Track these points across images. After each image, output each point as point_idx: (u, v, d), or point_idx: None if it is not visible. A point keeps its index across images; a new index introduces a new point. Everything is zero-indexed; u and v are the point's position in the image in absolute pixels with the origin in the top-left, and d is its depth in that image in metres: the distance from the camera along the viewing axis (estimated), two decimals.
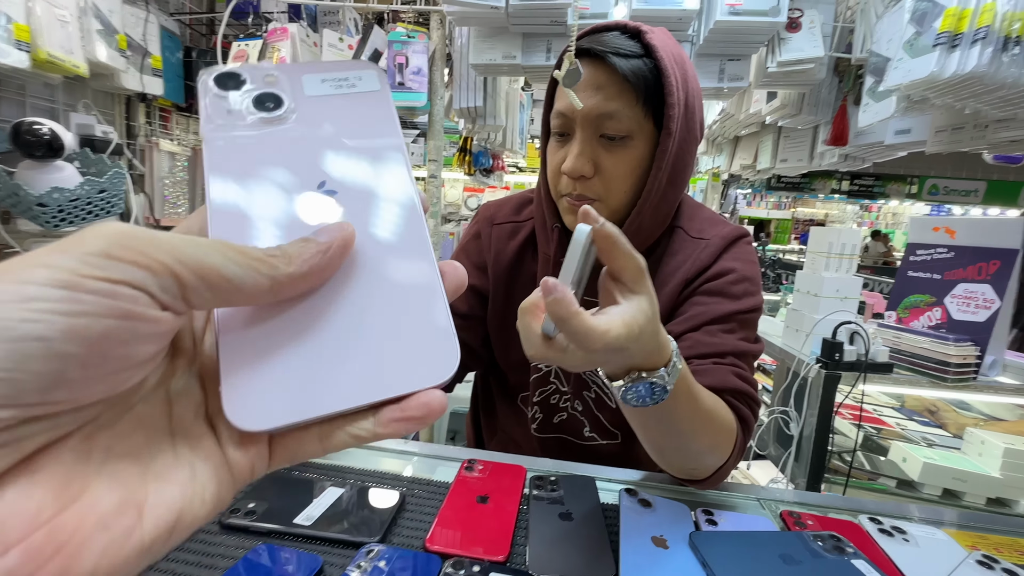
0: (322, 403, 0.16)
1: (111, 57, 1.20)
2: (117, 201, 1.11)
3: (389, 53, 1.21)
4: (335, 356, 0.16)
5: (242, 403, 0.15)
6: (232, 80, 0.19)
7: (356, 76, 0.21)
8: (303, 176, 0.18)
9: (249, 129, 0.18)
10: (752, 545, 0.47)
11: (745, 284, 0.58)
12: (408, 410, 0.16)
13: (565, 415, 0.69)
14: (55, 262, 0.13)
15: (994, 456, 1.15)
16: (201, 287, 0.14)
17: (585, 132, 0.55)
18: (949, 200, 3.62)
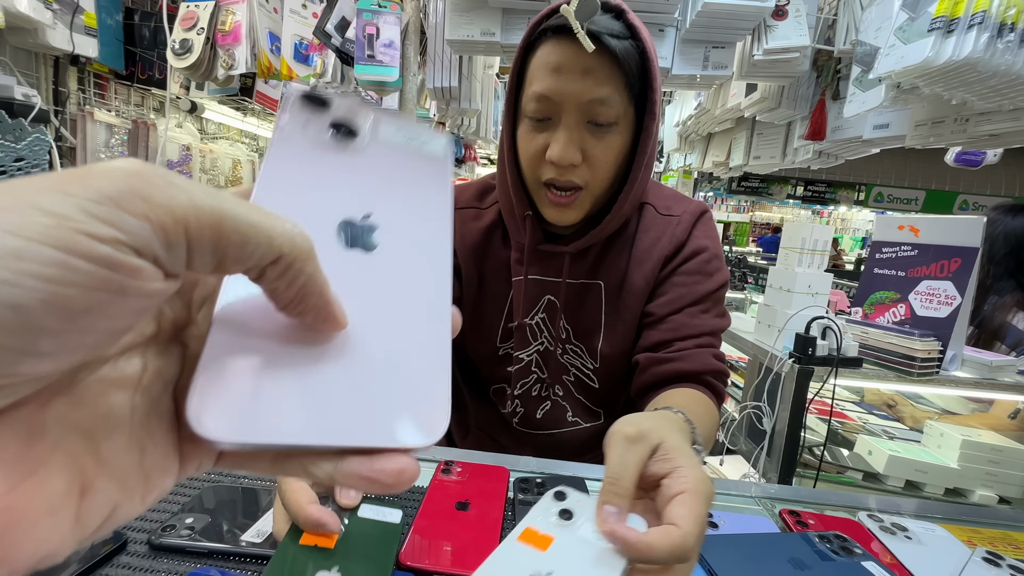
0: (289, 432, 0.14)
1: (33, 8, 1.05)
2: (38, 172, 0.98)
3: (358, 22, 1.12)
4: (319, 388, 0.15)
5: (207, 408, 0.14)
6: (318, 101, 0.20)
7: (428, 136, 0.22)
8: (352, 201, 0.19)
9: (317, 146, 0.19)
10: (758, 549, 0.44)
11: (715, 261, 0.63)
12: (377, 471, 0.15)
13: (548, 404, 0.68)
14: (55, 207, 0.11)
15: (952, 448, 1.19)
16: (209, 245, 0.13)
17: (572, 117, 0.52)
18: (892, 207, 3.87)
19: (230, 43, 1.20)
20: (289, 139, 0.19)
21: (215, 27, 1.21)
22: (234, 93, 1.55)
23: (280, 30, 1.26)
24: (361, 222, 0.18)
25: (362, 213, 0.18)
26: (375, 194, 0.19)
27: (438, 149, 0.22)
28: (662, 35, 1.07)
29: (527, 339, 0.66)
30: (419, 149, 0.21)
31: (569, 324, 0.64)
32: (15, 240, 0.10)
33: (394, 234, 0.19)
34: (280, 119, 0.19)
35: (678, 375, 0.58)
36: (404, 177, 0.20)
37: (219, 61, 1.22)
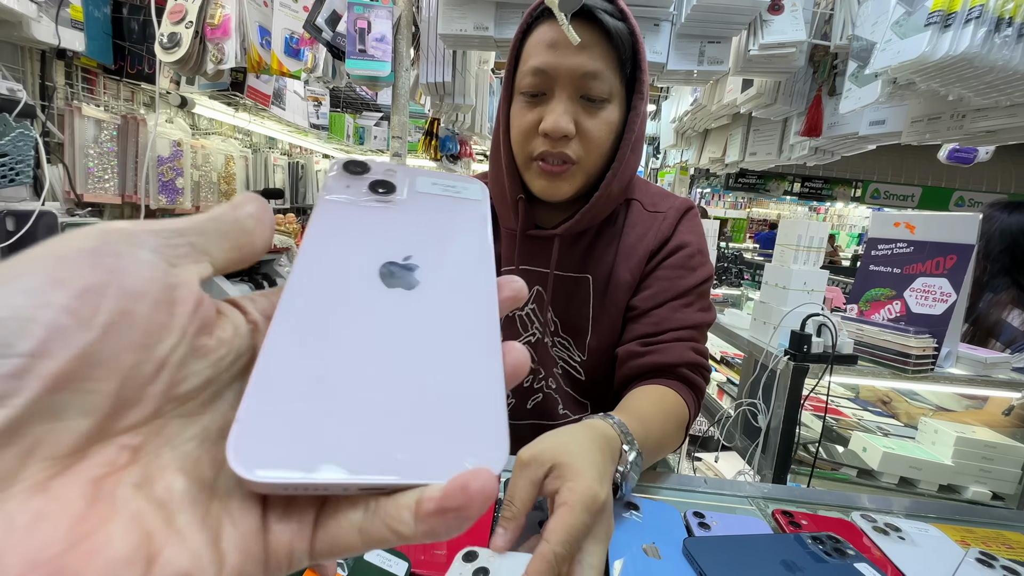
0: (348, 470, 0.13)
1: (16, 0, 1.03)
2: (23, 168, 0.96)
3: (349, 16, 1.10)
4: (378, 423, 0.15)
5: (250, 445, 0.13)
6: (358, 166, 0.21)
7: (463, 185, 0.23)
8: (393, 245, 0.19)
9: (358, 201, 0.20)
10: (750, 551, 0.44)
11: (699, 256, 0.64)
12: (449, 496, 0.13)
13: (540, 396, 0.68)
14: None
15: (946, 444, 1.19)
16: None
17: (567, 91, 0.54)
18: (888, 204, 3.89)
19: (219, 37, 1.18)
20: (331, 198, 0.20)
21: (204, 20, 1.19)
22: (225, 88, 1.53)
23: (270, 24, 1.24)
24: (402, 263, 0.19)
25: (403, 255, 0.19)
26: (415, 238, 0.20)
27: (475, 193, 0.23)
28: (657, 30, 1.06)
29: (517, 330, 0.67)
30: (456, 195, 0.22)
31: (557, 317, 0.65)
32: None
33: (437, 272, 0.19)
34: (325, 184, 0.21)
35: (654, 368, 0.59)
36: (442, 220, 0.21)
37: (208, 55, 1.20)
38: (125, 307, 0.12)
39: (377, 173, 0.21)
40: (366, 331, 0.16)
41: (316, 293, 0.17)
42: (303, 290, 0.17)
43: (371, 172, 0.21)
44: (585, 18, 0.53)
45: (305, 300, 0.16)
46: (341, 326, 0.16)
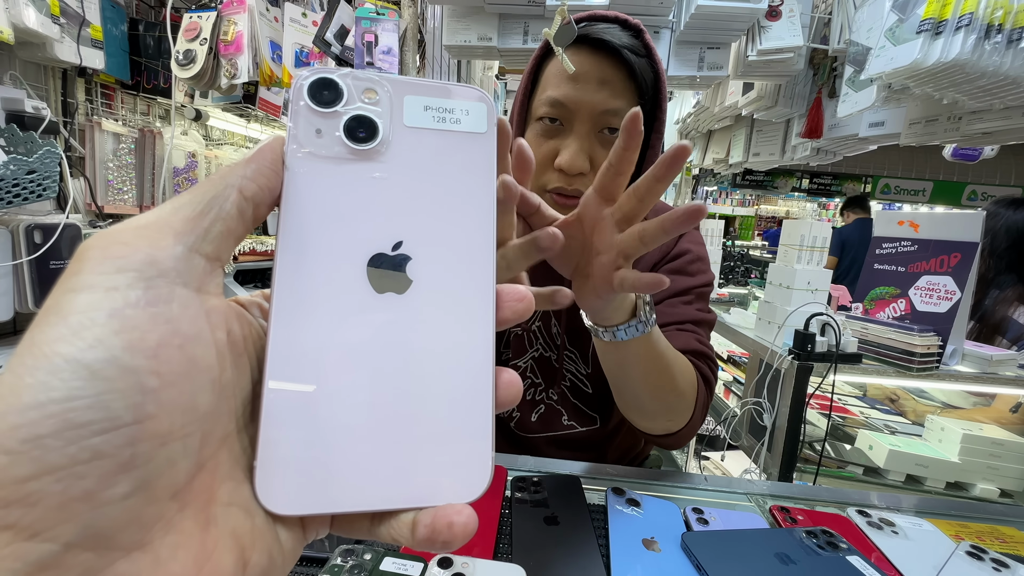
0: (352, 501, 0.16)
1: (41, 23, 1.08)
2: (50, 184, 1.00)
3: (356, 30, 1.14)
4: (373, 453, 0.16)
5: (273, 484, 0.15)
6: (329, 90, 0.17)
7: (463, 109, 0.18)
8: (381, 230, 0.17)
9: (335, 162, 0.17)
10: (746, 544, 0.46)
11: (698, 263, 0.64)
12: (436, 531, 0.16)
13: (543, 408, 0.69)
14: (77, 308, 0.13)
15: (953, 442, 1.19)
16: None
17: (585, 126, 0.53)
18: (899, 199, 3.84)
19: (232, 53, 1.22)
20: (304, 160, 0.17)
21: (217, 37, 1.23)
22: (238, 100, 1.57)
23: (281, 39, 1.28)
24: (392, 254, 0.17)
25: (392, 241, 0.17)
26: (406, 211, 0.17)
27: (478, 120, 0.18)
28: (657, 37, 1.08)
29: (524, 346, 0.67)
30: (454, 128, 0.18)
31: (564, 330, 0.65)
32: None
33: (430, 263, 0.17)
34: (291, 122, 0.17)
35: None
36: (439, 179, 0.18)
37: (222, 70, 1.24)
38: (190, 355, 0.14)
39: (353, 102, 0.17)
40: (360, 356, 0.16)
41: (305, 310, 0.16)
42: (291, 309, 0.16)
43: (345, 100, 0.17)
44: (609, 52, 0.52)
45: (294, 322, 0.16)
46: (335, 352, 0.16)
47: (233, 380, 0.16)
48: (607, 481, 0.56)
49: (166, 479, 0.13)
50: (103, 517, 0.12)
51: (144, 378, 0.12)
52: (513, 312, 0.18)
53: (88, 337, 0.12)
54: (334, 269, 0.16)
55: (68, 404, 0.11)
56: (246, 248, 1.50)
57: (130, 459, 0.12)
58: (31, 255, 1.02)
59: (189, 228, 0.15)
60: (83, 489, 0.11)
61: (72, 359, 0.12)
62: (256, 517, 0.15)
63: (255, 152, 0.17)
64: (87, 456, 0.12)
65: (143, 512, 0.12)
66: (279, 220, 0.16)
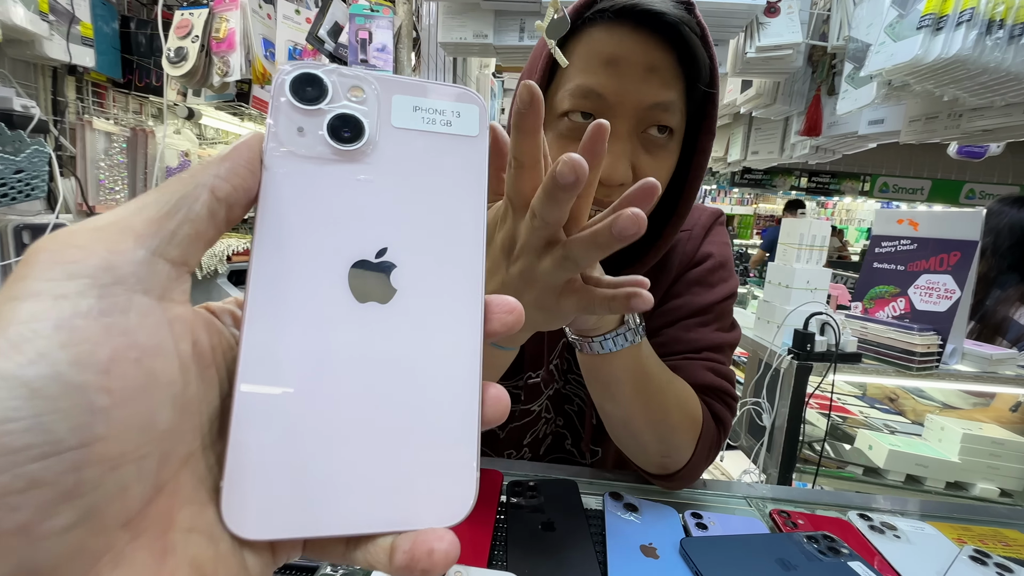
0: (326, 524, 0.15)
1: (30, 21, 1.06)
2: (39, 183, 0.99)
3: (350, 27, 1.13)
4: (350, 473, 0.15)
5: (242, 506, 0.14)
6: (312, 86, 0.16)
7: (454, 111, 0.17)
8: (364, 235, 0.16)
9: (318, 162, 0.16)
10: (746, 550, 0.45)
11: (720, 271, 0.55)
12: (415, 558, 0.14)
13: (550, 440, 0.64)
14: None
15: (953, 442, 1.18)
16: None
17: (627, 124, 0.42)
18: (897, 197, 3.85)
19: (224, 50, 1.21)
20: (285, 160, 0.16)
21: (209, 34, 1.22)
22: (231, 99, 1.56)
23: (274, 36, 1.27)
24: (375, 261, 0.16)
25: (376, 247, 0.16)
26: (391, 217, 0.16)
27: (469, 125, 0.17)
28: None
29: (540, 389, 0.59)
30: (444, 131, 0.17)
31: (570, 354, 0.58)
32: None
33: (415, 271, 0.16)
34: (271, 119, 0.16)
35: None
36: (427, 184, 0.17)
37: (214, 68, 1.23)
38: (148, 368, 0.13)
39: (338, 100, 0.16)
40: (338, 370, 0.15)
41: (281, 319, 0.15)
42: (266, 318, 0.15)
43: (330, 98, 0.16)
44: (657, 29, 0.40)
45: (269, 332, 0.15)
46: (312, 365, 0.15)
47: (199, 394, 0.14)
48: (605, 486, 0.55)
49: (116, 506, 0.12)
50: (40, 552, 0.11)
51: (93, 396, 0.11)
52: (502, 324, 0.17)
53: (29, 351, 0.11)
54: (313, 276, 0.15)
55: (2, 427, 0.10)
56: (240, 248, 1.48)
57: (74, 486, 0.11)
58: (19, 256, 1.01)
59: (153, 230, 0.13)
60: (16, 522, 0.10)
61: (9, 375, 0.11)
62: (220, 543, 0.14)
63: (230, 150, 0.15)
64: (22, 485, 0.10)
65: (88, 544, 0.11)
66: (255, 223, 0.15)
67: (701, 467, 0.50)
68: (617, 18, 0.41)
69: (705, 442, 0.49)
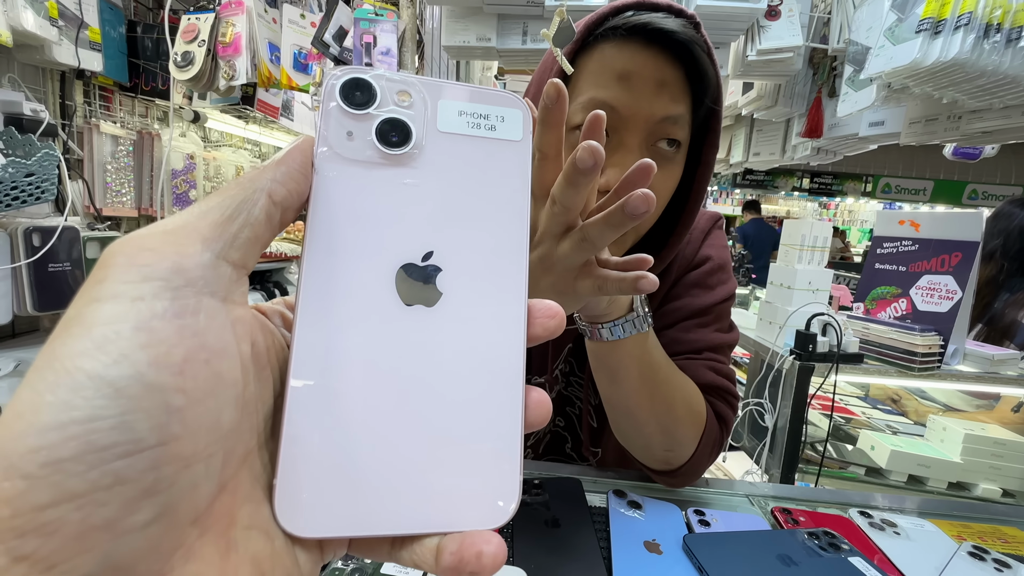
0: (375, 523, 0.15)
1: (40, 26, 1.08)
2: (48, 187, 1.00)
3: (355, 31, 1.14)
4: (398, 474, 0.15)
5: (294, 505, 0.15)
6: (361, 91, 0.17)
7: (499, 115, 0.18)
8: (411, 239, 0.16)
9: (366, 166, 0.16)
10: (747, 546, 0.46)
11: (719, 274, 0.56)
12: (464, 560, 0.15)
13: (548, 436, 0.65)
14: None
15: (955, 442, 1.18)
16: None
17: (637, 137, 0.43)
18: (900, 198, 3.85)
19: (231, 54, 1.22)
20: (335, 162, 0.16)
21: (216, 39, 1.23)
22: (236, 102, 1.57)
23: (279, 40, 1.28)
24: (422, 265, 0.16)
25: (423, 251, 0.16)
26: (438, 220, 0.17)
27: (514, 127, 0.18)
28: None
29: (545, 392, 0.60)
30: (489, 135, 0.17)
31: (572, 356, 0.60)
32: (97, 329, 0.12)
33: (460, 275, 0.17)
34: (321, 123, 0.16)
35: None
36: (473, 187, 0.17)
37: (220, 72, 1.24)
38: (216, 370, 0.13)
39: (386, 105, 0.17)
40: (386, 372, 0.16)
41: (331, 322, 0.16)
42: (317, 320, 0.16)
43: (378, 102, 0.17)
44: (667, 46, 0.41)
45: (319, 334, 0.16)
46: (360, 366, 0.16)
47: (256, 395, 0.15)
48: (608, 483, 0.56)
49: (188, 504, 0.12)
50: (123, 547, 0.11)
51: (170, 396, 0.12)
52: (544, 329, 0.17)
53: (113, 352, 0.11)
54: (362, 279, 0.16)
55: (91, 425, 0.11)
56: None
57: (153, 484, 0.11)
58: (30, 258, 1.02)
59: (217, 234, 0.14)
60: (104, 517, 0.11)
61: (96, 375, 0.11)
62: (275, 540, 0.14)
63: (284, 154, 0.16)
64: (109, 481, 0.11)
65: (164, 540, 0.12)
66: (306, 226, 0.16)
67: (704, 464, 0.51)
68: (629, 35, 0.42)
69: (708, 439, 0.50)
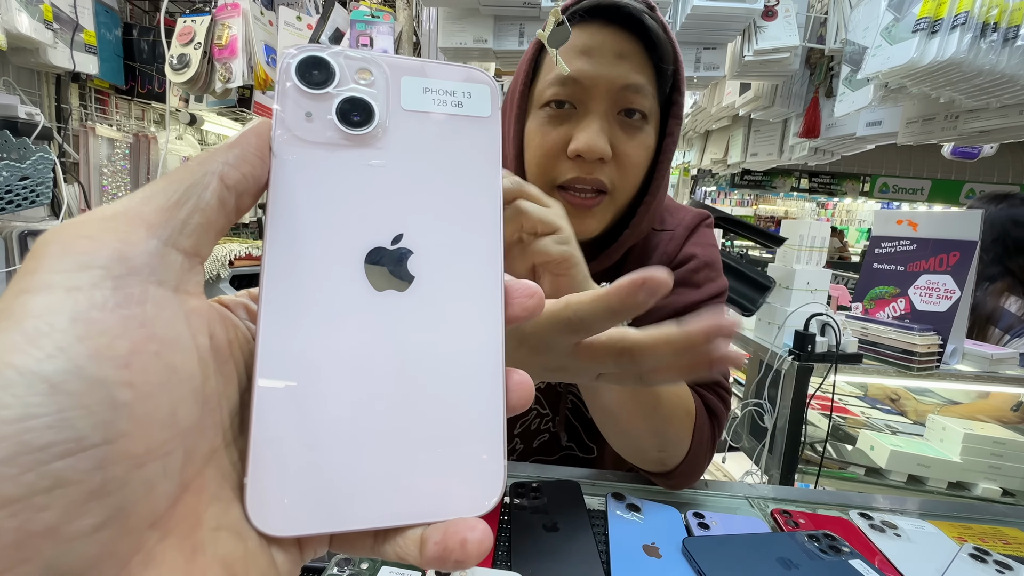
0: (355, 518, 0.15)
1: (35, 29, 1.07)
2: (43, 190, 1.00)
3: (352, 34, 1.14)
4: (375, 466, 0.15)
5: (266, 503, 0.14)
6: (319, 70, 0.16)
7: (465, 91, 0.17)
8: (379, 222, 0.16)
9: (328, 148, 0.16)
10: (747, 549, 0.45)
11: (705, 271, 0.56)
12: (448, 549, 0.14)
13: (546, 436, 0.65)
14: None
15: (954, 441, 1.18)
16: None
17: (602, 105, 0.46)
18: (897, 198, 3.86)
19: (227, 57, 1.22)
20: (293, 146, 0.15)
21: (212, 41, 1.23)
22: (232, 104, 1.57)
23: (275, 43, 1.28)
24: (392, 248, 0.16)
25: (392, 234, 0.16)
26: (406, 201, 0.16)
27: (481, 103, 0.17)
28: None
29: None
30: (455, 111, 0.17)
31: None
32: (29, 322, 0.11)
33: (433, 257, 0.16)
34: (278, 106, 0.15)
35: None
36: (440, 165, 0.16)
37: (216, 75, 1.24)
38: (168, 362, 0.12)
39: (347, 80, 0.16)
40: (358, 360, 0.15)
41: (298, 311, 0.15)
42: (283, 310, 0.15)
43: (337, 81, 0.16)
44: (626, 23, 0.45)
45: (286, 324, 0.15)
46: (331, 356, 0.15)
47: (218, 389, 0.14)
48: (607, 486, 0.56)
49: (144, 505, 0.11)
50: (69, 554, 0.10)
51: (114, 391, 0.11)
52: (523, 309, 0.17)
53: (46, 345, 0.10)
54: (328, 266, 0.15)
55: (23, 424, 0.10)
56: (241, 252, 1.49)
57: (100, 485, 0.11)
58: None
59: (164, 219, 0.13)
60: (44, 523, 0.10)
61: (27, 371, 0.10)
62: (248, 540, 0.14)
63: (238, 137, 0.15)
64: (48, 484, 0.10)
65: (118, 545, 0.11)
66: (266, 212, 0.15)
67: (701, 462, 0.50)
68: (589, 16, 0.46)
69: (700, 434, 0.49)
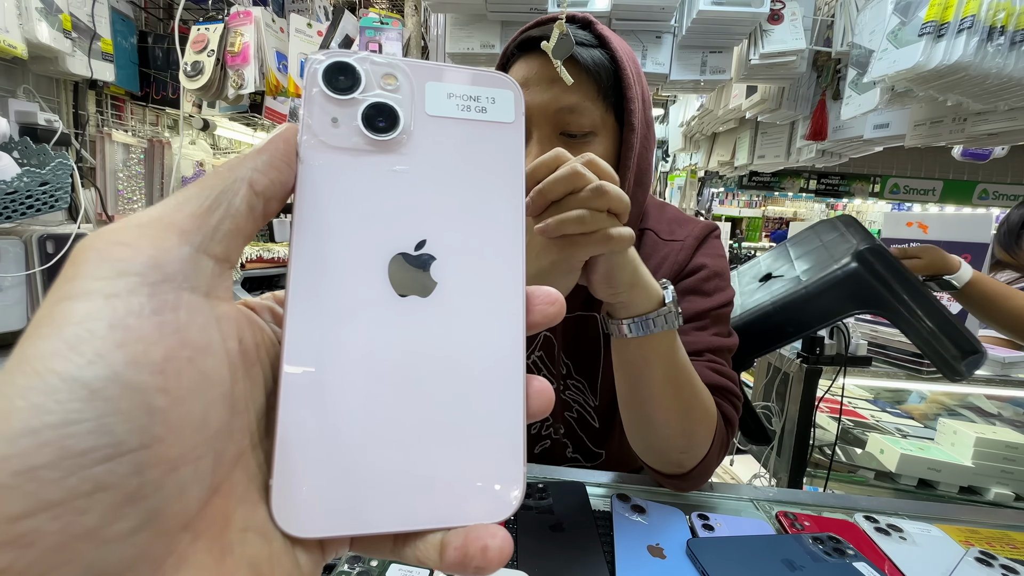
0: (376, 521, 0.15)
1: (54, 38, 1.10)
2: (62, 195, 1.02)
3: (361, 40, 1.15)
4: (398, 470, 0.15)
5: (291, 505, 0.14)
6: (345, 75, 0.16)
7: (489, 96, 0.17)
8: (403, 228, 0.16)
9: (353, 153, 0.16)
10: (752, 551, 0.46)
11: (715, 280, 0.57)
12: (469, 555, 0.14)
13: (548, 442, 0.65)
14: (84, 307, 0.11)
15: (966, 446, 1.17)
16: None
17: (543, 130, 0.50)
18: (908, 199, 3.82)
19: (239, 63, 1.24)
20: (319, 151, 0.16)
21: (224, 48, 1.26)
22: (244, 110, 1.60)
23: (287, 49, 1.30)
24: (415, 254, 0.16)
25: (415, 239, 0.16)
26: (430, 207, 0.16)
27: (505, 109, 0.17)
28: (659, 41, 1.08)
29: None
30: (479, 117, 0.17)
31: (569, 359, 0.60)
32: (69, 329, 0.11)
33: (455, 263, 0.16)
34: (304, 110, 0.16)
35: None
36: (465, 170, 0.16)
37: (229, 81, 1.26)
38: (201, 368, 0.13)
39: (372, 86, 0.16)
40: (381, 365, 0.15)
41: (323, 315, 0.15)
42: (308, 315, 0.15)
43: (363, 86, 0.16)
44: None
45: (311, 329, 0.15)
46: (355, 360, 0.15)
47: (246, 393, 0.14)
48: (612, 487, 0.56)
49: (177, 508, 0.12)
50: (108, 556, 0.10)
51: (151, 396, 0.11)
52: (544, 316, 0.17)
53: (87, 352, 0.11)
54: (353, 271, 0.15)
55: (66, 429, 0.10)
56: (252, 255, 1.51)
57: (137, 489, 0.11)
58: (43, 265, 1.04)
59: (196, 226, 0.13)
60: (85, 526, 0.10)
61: (69, 377, 0.10)
62: (274, 541, 0.14)
63: (266, 142, 0.15)
64: (89, 488, 0.10)
65: (153, 547, 0.11)
66: (293, 217, 0.15)
67: (713, 466, 0.51)
68: (524, 50, 0.51)
69: (718, 440, 0.50)
